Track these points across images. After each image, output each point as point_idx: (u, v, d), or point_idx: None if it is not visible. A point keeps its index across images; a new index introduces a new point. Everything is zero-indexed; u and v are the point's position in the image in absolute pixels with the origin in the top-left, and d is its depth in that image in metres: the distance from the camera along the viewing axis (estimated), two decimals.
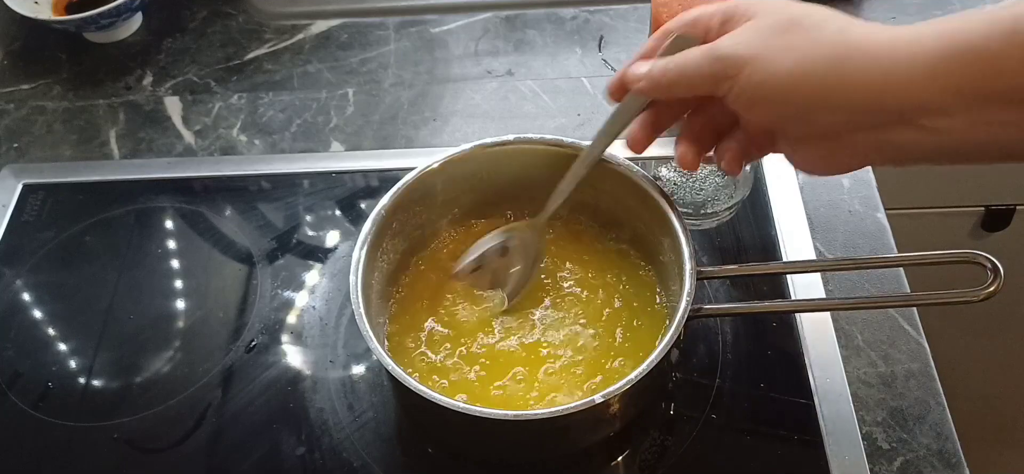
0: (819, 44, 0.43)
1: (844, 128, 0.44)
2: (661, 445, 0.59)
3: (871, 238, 0.71)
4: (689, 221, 0.64)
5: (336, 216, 0.75)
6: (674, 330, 0.52)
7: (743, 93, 0.45)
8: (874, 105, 0.42)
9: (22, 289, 0.72)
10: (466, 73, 0.87)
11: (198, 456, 0.61)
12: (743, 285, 0.67)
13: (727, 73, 0.45)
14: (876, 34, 0.43)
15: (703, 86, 0.47)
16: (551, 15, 0.92)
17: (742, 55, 0.45)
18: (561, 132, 0.59)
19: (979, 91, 0.40)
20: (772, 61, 0.44)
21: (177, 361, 0.66)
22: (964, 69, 0.40)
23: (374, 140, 0.81)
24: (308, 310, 0.68)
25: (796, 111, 0.45)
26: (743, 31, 0.46)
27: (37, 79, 0.90)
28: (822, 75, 0.43)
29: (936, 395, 0.61)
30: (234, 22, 0.95)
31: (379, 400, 0.62)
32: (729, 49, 0.45)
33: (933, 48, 0.40)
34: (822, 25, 0.44)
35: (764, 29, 0.45)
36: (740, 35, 0.46)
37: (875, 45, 0.42)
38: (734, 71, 0.45)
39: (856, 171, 0.74)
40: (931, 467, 0.58)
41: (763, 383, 0.62)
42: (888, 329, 0.65)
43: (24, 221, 0.76)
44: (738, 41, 0.45)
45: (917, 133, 0.42)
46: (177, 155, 0.81)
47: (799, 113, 0.45)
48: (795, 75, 0.43)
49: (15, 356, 0.67)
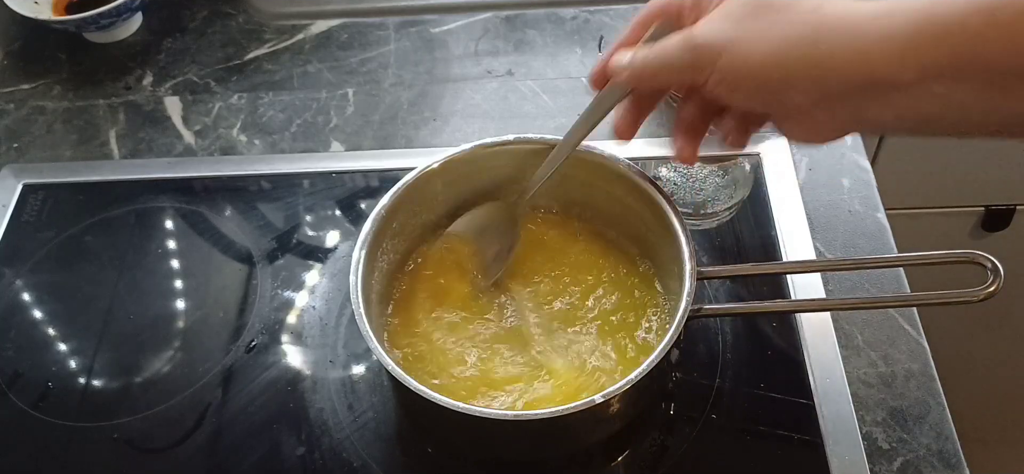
0: (793, 24, 0.43)
1: (822, 104, 0.44)
2: (661, 445, 0.59)
3: (871, 238, 0.71)
4: (689, 221, 0.64)
5: (336, 216, 0.75)
6: (674, 330, 0.52)
7: (722, 80, 0.45)
8: (849, 82, 0.42)
9: (22, 289, 0.72)
10: (466, 73, 0.87)
11: (198, 456, 0.61)
12: (743, 285, 0.67)
13: (704, 62, 0.45)
14: (851, 10, 0.42)
15: (684, 75, 0.47)
16: (551, 15, 0.92)
17: (717, 42, 0.45)
18: (561, 132, 0.59)
19: (954, 69, 0.39)
20: (747, 46, 0.44)
21: (177, 361, 0.66)
22: (940, 47, 0.39)
23: (374, 140, 0.81)
24: (308, 310, 0.68)
25: (774, 92, 0.45)
26: (716, 17, 0.46)
27: (37, 79, 0.90)
28: (797, 56, 0.43)
29: (936, 395, 0.61)
30: (234, 22, 0.95)
31: (379, 400, 0.62)
32: (704, 37, 0.46)
33: (908, 25, 0.40)
34: (794, 4, 0.44)
35: (736, 13, 0.45)
36: (714, 21, 0.46)
37: (849, 22, 0.42)
38: (711, 59, 0.45)
39: (855, 173, 0.74)
40: (931, 467, 0.58)
41: (763, 383, 0.62)
42: (888, 329, 0.65)
43: (24, 221, 0.76)
44: (712, 28, 0.45)
45: (892, 109, 0.42)
46: (177, 155, 0.81)
47: (777, 94, 0.45)
48: (770, 58, 0.44)
49: (15, 356, 0.67)
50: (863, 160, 0.75)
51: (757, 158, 0.74)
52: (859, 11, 0.42)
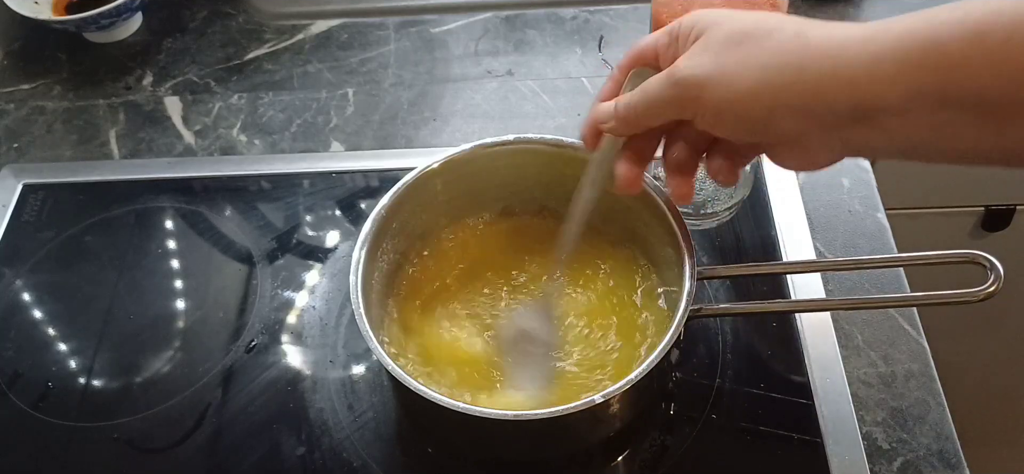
0: (776, 53, 0.43)
1: (810, 131, 0.43)
2: (661, 445, 0.59)
3: (871, 238, 0.71)
4: (689, 221, 0.64)
5: (336, 216, 0.75)
6: (674, 330, 0.52)
7: (707, 113, 0.45)
8: (836, 109, 0.42)
9: (22, 289, 0.72)
10: (466, 73, 0.87)
11: (198, 456, 0.61)
12: (743, 285, 0.67)
13: (688, 96, 0.45)
14: (835, 36, 0.42)
15: (669, 112, 0.47)
16: (551, 15, 0.92)
17: (699, 76, 0.44)
18: (561, 132, 0.59)
19: (941, 96, 0.39)
20: (730, 77, 0.43)
21: (177, 361, 0.66)
22: (926, 73, 0.39)
23: (374, 140, 0.81)
24: (308, 310, 0.68)
25: (761, 121, 0.44)
26: (697, 50, 0.45)
27: (37, 79, 0.90)
28: (782, 84, 0.42)
29: (936, 395, 0.61)
30: (234, 22, 0.95)
31: (379, 400, 0.62)
32: (686, 72, 0.45)
33: (894, 50, 0.39)
34: (774, 33, 0.43)
35: (716, 45, 0.44)
36: (694, 56, 0.45)
37: (834, 48, 0.41)
38: (695, 93, 0.44)
39: (855, 173, 0.74)
40: (931, 467, 0.58)
41: (763, 383, 0.62)
42: (888, 329, 0.65)
43: (24, 221, 0.76)
44: (693, 63, 0.45)
45: (881, 135, 0.41)
46: (177, 155, 0.81)
47: (764, 123, 0.44)
48: (755, 88, 0.43)
49: (15, 356, 0.67)
50: (863, 160, 0.75)
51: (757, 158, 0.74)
52: (844, 36, 0.41)
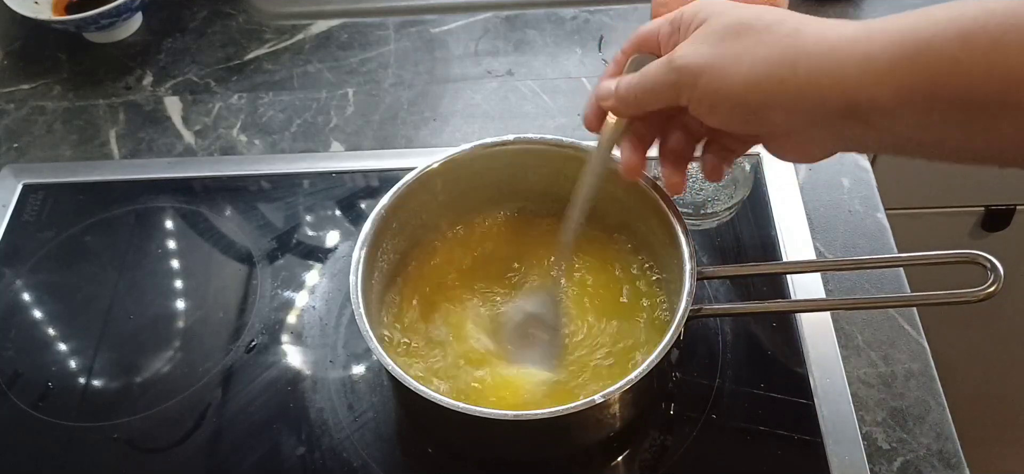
0: (772, 47, 0.43)
1: (803, 126, 0.44)
2: (661, 445, 0.59)
3: (871, 238, 0.71)
4: (689, 221, 0.64)
5: (336, 216, 0.75)
6: (674, 330, 0.52)
7: (702, 100, 0.46)
8: (827, 106, 0.42)
9: (22, 289, 0.72)
10: (466, 73, 0.87)
11: (198, 456, 0.61)
12: (743, 285, 0.67)
13: (685, 82, 0.46)
14: (829, 34, 0.42)
15: (667, 96, 0.48)
16: (551, 15, 0.92)
17: (697, 64, 0.45)
18: (561, 132, 0.59)
19: (931, 95, 0.39)
20: (726, 67, 0.44)
21: (177, 361, 0.66)
22: (917, 73, 0.39)
23: (374, 140, 0.81)
24: (308, 310, 0.68)
25: (755, 113, 0.45)
26: (696, 38, 0.46)
27: (37, 79, 0.90)
28: (776, 80, 0.43)
29: (936, 395, 0.61)
30: (234, 22, 0.95)
31: (379, 400, 0.62)
32: (684, 59, 0.46)
33: (885, 50, 0.40)
34: (774, 27, 0.44)
35: (715, 35, 0.45)
36: (694, 44, 0.46)
37: (828, 46, 0.42)
38: (691, 79, 0.45)
39: (855, 173, 0.74)
40: (931, 467, 0.58)
41: (763, 383, 0.62)
42: (888, 329, 0.65)
43: (24, 221, 0.76)
44: (692, 50, 0.46)
45: (873, 132, 0.42)
46: (177, 155, 0.81)
47: (757, 115, 0.45)
48: (750, 80, 0.44)
49: (15, 356, 0.67)
50: (863, 160, 0.75)
51: (757, 158, 0.74)
52: (838, 35, 0.42)
